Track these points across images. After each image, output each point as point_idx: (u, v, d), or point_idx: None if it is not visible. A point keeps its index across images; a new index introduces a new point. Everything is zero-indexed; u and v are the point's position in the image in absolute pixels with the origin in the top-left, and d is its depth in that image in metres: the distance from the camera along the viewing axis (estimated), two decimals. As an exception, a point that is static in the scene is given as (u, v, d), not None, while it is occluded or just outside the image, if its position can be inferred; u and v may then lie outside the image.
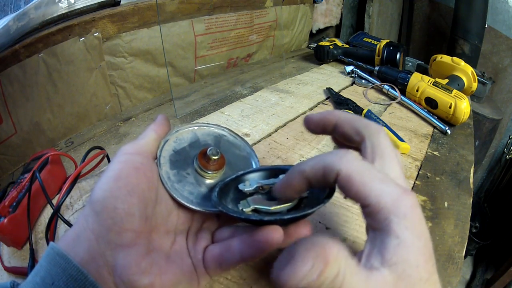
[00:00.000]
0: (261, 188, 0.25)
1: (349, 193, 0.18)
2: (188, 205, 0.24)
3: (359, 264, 0.17)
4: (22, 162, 0.48)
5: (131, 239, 0.19)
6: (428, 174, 0.44)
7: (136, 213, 0.19)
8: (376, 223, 0.17)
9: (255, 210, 0.23)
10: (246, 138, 0.50)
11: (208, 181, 0.27)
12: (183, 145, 0.27)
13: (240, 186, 0.25)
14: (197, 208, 0.24)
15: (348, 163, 0.18)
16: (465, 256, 0.99)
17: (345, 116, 0.22)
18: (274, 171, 0.27)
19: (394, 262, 0.16)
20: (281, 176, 0.24)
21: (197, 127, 0.29)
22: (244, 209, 0.23)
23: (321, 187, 0.21)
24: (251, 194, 0.25)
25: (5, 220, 0.30)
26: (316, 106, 0.63)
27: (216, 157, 0.26)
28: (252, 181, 0.25)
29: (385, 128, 0.51)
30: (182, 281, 0.21)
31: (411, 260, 0.16)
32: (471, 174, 0.46)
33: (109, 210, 0.18)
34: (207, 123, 0.30)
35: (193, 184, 0.26)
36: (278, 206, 0.23)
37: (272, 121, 0.56)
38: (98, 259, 0.18)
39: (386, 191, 0.17)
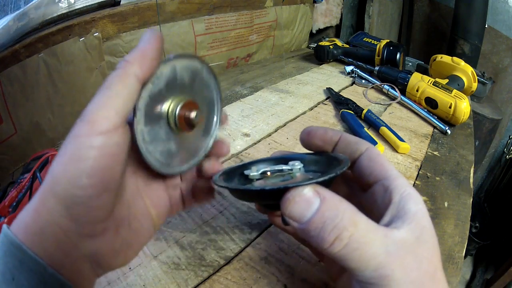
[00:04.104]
0: (267, 174, 0.23)
1: (374, 165, 0.21)
2: (161, 171, 0.22)
3: (376, 224, 0.17)
4: (22, 162, 0.48)
5: (103, 228, 0.18)
6: (428, 174, 0.44)
7: (109, 206, 0.18)
8: (393, 193, 0.19)
9: None
10: (246, 138, 0.50)
11: (177, 138, 0.23)
12: (159, 86, 0.21)
13: (246, 172, 0.24)
14: (169, 173, 0.23)
15: (373, 147, 0.22)
16: (465, 256, 0.99)
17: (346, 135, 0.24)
18: (281, 160, 0.26)
19: (414, 226, 0.17)
20: (291, 163, 0.23)
21: (177, 59, 0.22)
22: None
23: (341, 152, 0.23)
24: (258, 180, 0.24)
25: (5, 220, 0.31)
26: (316, 106, 0.63)
27: (197, 122, 0.23)
28: (259, 167, 0.24)
29: (385, 128, 0.51)
30: (146, 241, 0.23)
31: (428, 227, 0.18)
32: (471, 174, 0.46)
33: (82, 208, 0.17)
34: (189, 54, 0.23)
35: (164, 141, 0.22)
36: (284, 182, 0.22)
37: (272, 121, 0.56)
38: (72, 252, 0.17)
39: (399, 173, 0.20)
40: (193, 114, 0.22)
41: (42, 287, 0.16)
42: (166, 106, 0.22)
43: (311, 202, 0.17)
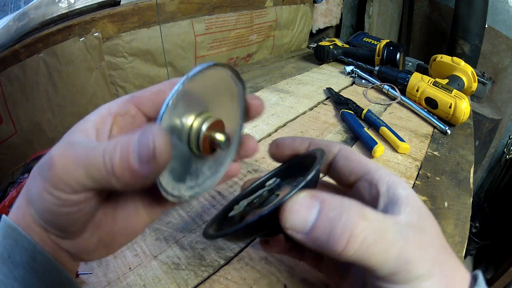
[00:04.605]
0: (252, 205, 0.21)
1: (351, 163, 0.21)
2: (169, 198, 0.18)
3: (381, 213, 0.17)
4: (22, 162, 0.48)
5: (78, 234, 0.19)
6: (428, 174, 0.44)
7: (83, 225, 0.18)
8: (379, 184, 0.19)
9: None
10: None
11: (191, 158, 0.20)
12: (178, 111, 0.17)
13: (230, 214, 0.21)
14: (179, 198, 0.19)
15: (345, 146, 0.22)
16: (465, 256, 0.99)
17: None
18: (257, 187, 0.24)
19: (411, 209, 0.17)
20: (267, 183, 0.22)
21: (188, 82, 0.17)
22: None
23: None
24: (247, 215, 0.21)
25: (5, 220, 0.31)
26: (316, 106, 0.63)
27: (226, 147, 0.19)
28: (241, 204, 0.21)
29: (385, 128, 0.51)
30: (128, 240, 0.21)
31: (423, 207, 0.18)
32: (471, 174, 0.46)
33: (56, 228, 0.18)
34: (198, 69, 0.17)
35: (176, 161, 0.19)
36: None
37: (272, 121, 0.56)
38: (53, 245, 0.18)
39: (379, 165, 0.21)
40: (221, 137, 0.18)
41: (32, 263, 0.17)
42: (187, 124, 0.18)
43: (311, 207, 0.16)
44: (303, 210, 0.16)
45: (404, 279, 0.15)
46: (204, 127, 0.18)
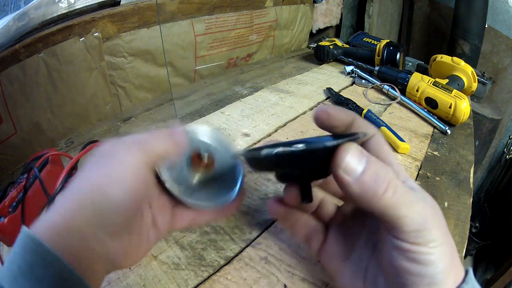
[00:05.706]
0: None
1: (380, 148, 0.22)
2: (177, 195, 0.25)
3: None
4: (22, 162, 0.48)
5: (121, 234, 0.20)
6: (428, 174, 0.44)
7: (133, 225, 0.22)
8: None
9: None
10: (246, 138, 0.50)
11: (196, 176, 0.28)
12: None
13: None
14: (184, 200, 0.25)
15: (379, 134, 0.23)
16: (465, 256, 0.99)
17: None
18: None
19: (422, 194, 0.20)
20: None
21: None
22: None
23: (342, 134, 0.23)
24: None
25: (5, 220, 0.31)
26: (316, 106, 0.63)
27: (207, 159, 0.28)
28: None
29: (385, 128, 0.51)
30: (150, 246, 0.24)
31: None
32: (471, 174, 0.46)
33: (113, 228, 0.19)
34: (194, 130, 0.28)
35: (180, 172, 0.26)
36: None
37: (272, 121, 0.56)
38: (91, 252, 0.18)
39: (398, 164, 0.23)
40: (204, 155, 0.27)
41: (56, 279, 0.16)
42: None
43: (361, 157, 0.19)
44: (356, 157, 0.19)
45: (424, 239, 0.18)
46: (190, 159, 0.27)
